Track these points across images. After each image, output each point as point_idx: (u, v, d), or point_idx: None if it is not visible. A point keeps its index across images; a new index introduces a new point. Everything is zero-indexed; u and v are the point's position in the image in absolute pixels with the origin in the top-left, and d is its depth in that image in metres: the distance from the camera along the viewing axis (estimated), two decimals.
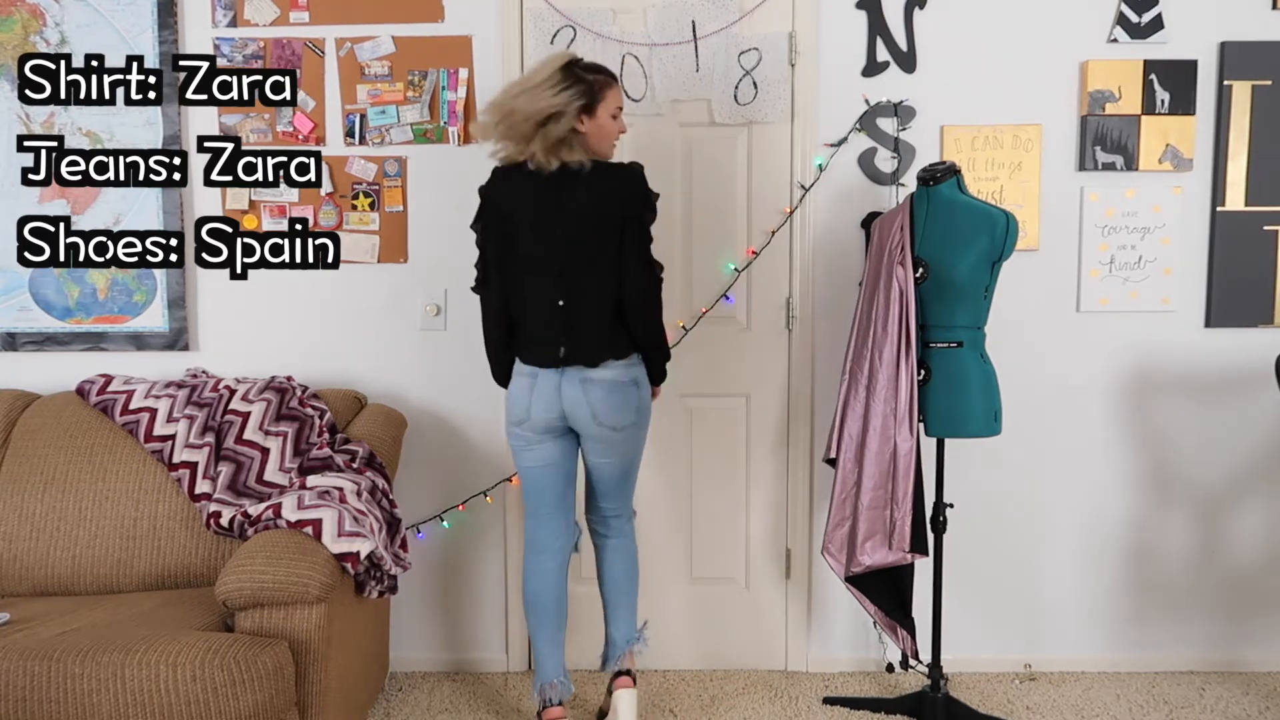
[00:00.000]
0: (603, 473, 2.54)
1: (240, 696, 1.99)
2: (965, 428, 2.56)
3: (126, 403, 2.75)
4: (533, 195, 2.38)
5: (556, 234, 2.38)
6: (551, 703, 2.52)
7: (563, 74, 2.32)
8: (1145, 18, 2.88)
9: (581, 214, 2.37)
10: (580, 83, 2.33)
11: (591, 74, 2.37)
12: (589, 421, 2.44)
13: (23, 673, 1.99)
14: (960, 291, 2.52)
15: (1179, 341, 2.98)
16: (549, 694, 2.53)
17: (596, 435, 2.46)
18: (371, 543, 2.34)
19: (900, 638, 2.72)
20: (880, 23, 2.90)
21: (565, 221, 2.38)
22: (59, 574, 2.57)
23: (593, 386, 2.42)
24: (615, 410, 2.43)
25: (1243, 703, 2.85)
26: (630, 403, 2.45)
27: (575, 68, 2.35)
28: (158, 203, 2.96)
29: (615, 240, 2.38)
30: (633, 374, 2.46)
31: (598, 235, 2.38)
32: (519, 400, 2.48)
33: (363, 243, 2.98)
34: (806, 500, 3.03)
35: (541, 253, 2.40)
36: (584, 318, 2.41)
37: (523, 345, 2.50)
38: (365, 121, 2.95)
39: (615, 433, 2.45)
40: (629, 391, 2.45)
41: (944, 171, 2.59)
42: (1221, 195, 2.93)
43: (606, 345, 2.42)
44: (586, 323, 2.41)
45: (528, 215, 2.40)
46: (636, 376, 2.47)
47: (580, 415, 2.44)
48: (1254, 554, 3.04)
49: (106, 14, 2.92)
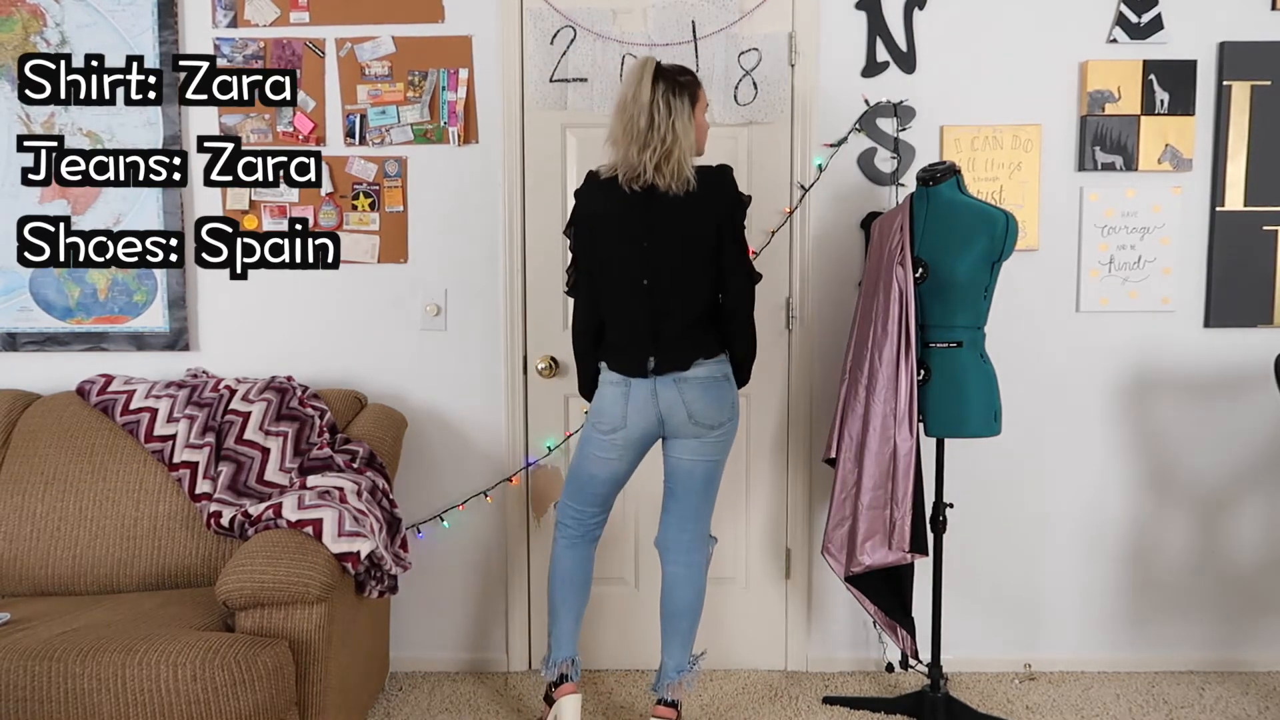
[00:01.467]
0: (691, 474, 2.48)
1: (240, 696, 2.00)
2: (965, 428, 2.56)
3: (127, 403, 2.75)
4: (624, 201, 2.38)
5: (644, 241, 2.39)
6: (567, 678, 2.53)
7: (659, 86, 2.34)
8: (1145, 18, 2.89)
9: (671, 219, 2.38)
10: (683, 89, 2.36)
11: (683, 76, 2.39)
12: (685, 423, 2.43)
13: (23, 672, 1.99)
14: (960, 291, 2.52)
15: (1178, 341, 2.98)
16: (565, 670, 2.54)
17: (691, 434, 2.44)
18: (372, 542, 2.34)
19: (900, 637, 2.72)
20: (880, 23, 2.91)
21: (654, 227, 2.38)
22: (59, 574, 2.57)
23: (687, 386, 2.42)
24: (711, 408, 2.43)
25: (1242, 703, 2.85)
26: (726, 398, 2.45)
27: (668, 75, 2.36)
28: (158, 203, 2.96)
29: (706, 245, 2.40)
30: (724, 369, 2.47)
31: (686, 241, 2.39)
32: (612, 410, 2.46)
33: (363, 243, 2.98)
34: (806, 500, 3.03)
35: (630, 259, 2.41)
36: (672, 327, 2.42)
37: (610, 350, 2.49)
38: (365, 122, 2.95)
39: (711, 430, 2.44)
40: (724, 388, 2.45)
41: (944, 171, 2.59)
42: (1221, 195, 2.93)
43: (696, 347, 2.43)
44: (674, 331, 2.42)
45: (616, 221, 2.41)
46: (729, 373, 2.48)
47: (676, 417, 2.43)
48: (1254, 554, 3.04)
49: (106, 14, 2.92)
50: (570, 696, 2.49)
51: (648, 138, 2.32)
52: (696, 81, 2.42)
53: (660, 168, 2.33)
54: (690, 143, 2.36)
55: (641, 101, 2.31)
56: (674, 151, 2.33)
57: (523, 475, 3.03)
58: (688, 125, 2.34)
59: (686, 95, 2.35)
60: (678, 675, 2.53)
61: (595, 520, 2.60)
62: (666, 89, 2.33)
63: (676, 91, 2.33)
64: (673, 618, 2.54)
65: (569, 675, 2.53)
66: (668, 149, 2.32)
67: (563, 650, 2.56)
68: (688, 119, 2.35)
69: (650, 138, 2.32)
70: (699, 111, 2.41)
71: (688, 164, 2.36)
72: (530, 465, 3.03)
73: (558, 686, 2.52)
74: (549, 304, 2.99)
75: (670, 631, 2.55)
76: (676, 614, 2.54)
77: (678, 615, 2.54)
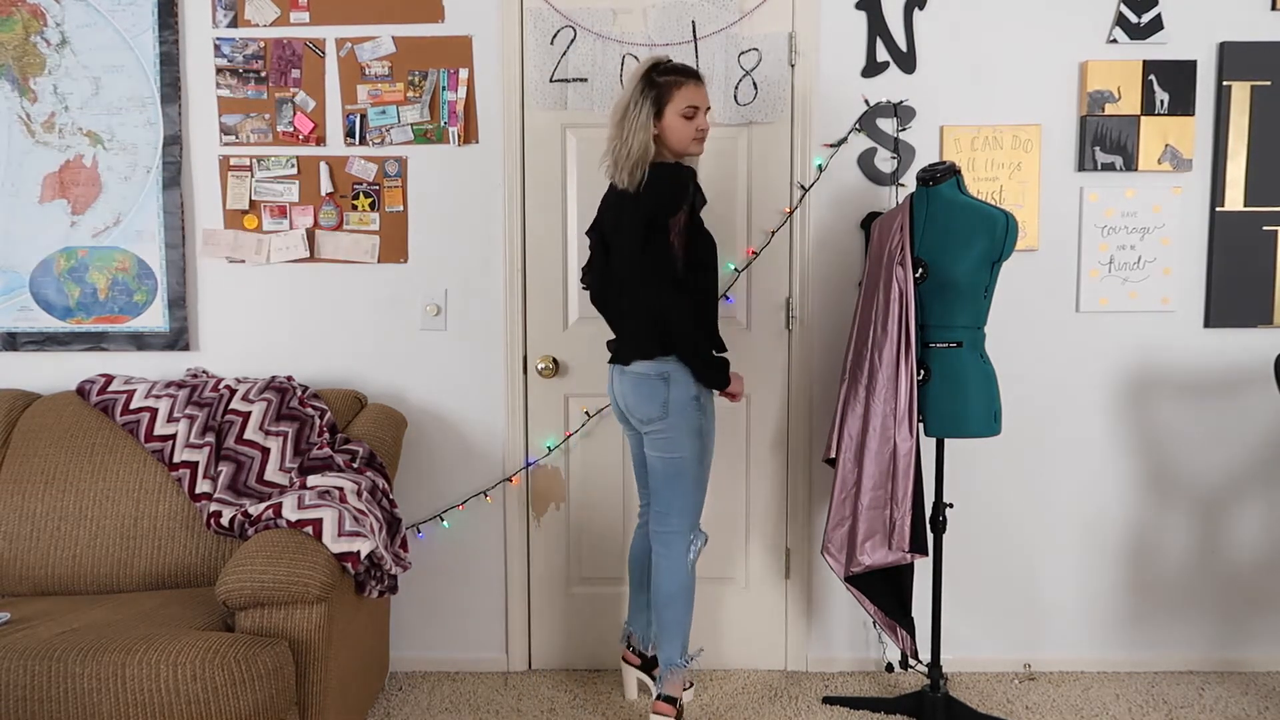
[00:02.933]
0: (653, 467, 2.56)
1: (240, 696, 2.00)
2: (965, 428, 2.56)
3: (127, 402, 2.75)
4: (604, 198, 2.59)
5: (606, 238, 2.55)
6: (630, 646, 2.80)
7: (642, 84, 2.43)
8: (1145, 18, 2.89)
9: (615, 217, 2.49)
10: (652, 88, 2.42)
11: (665, 76, 2.43)
12: (627, 413, 2.57)
13: (23, 672, 1.99)
14: (960, 292, 2.52)
15: (1178, 342, 2.98)
16: (630, 640, 2.79)
17: (637, 427, 2.57)
18: (372, 542, 2.34)
19: (900, 637, 2.72)
20: (880, 23, 2.91)
21: (609, 224, 2.53)
22: (59, 573, 2.57)
23: (625, 379, 2.53)
24: (641, 403, 2.48)
25: (1242, 703, 2.85)
26: (656, 397, 2.46)
27: (653, 73, 2.43)
28: (158, 202, 2.96)
29: (637, 244, 2.40)
30: (662, 369, 2.46)
31: (622, 239, 2.45)
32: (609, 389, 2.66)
33: (363, 243, 2.98)
34: (806, 500, 3.03)
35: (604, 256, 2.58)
36: (626, 324, 2.55)
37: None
38: (365, 122, 2.95)
39: (645, 425, 2.51)
40: (654, 386, 2.46)
41: (944, 172, 2.59)
42: (1221, 195, 2.93)
43: (635, 348, 2.48)
44: (627, 327, 2.55)
45: (599, 217, 2.61)
46: (667, 372, 2.46)
47: (620, 407, 2.59)
48: (1254, 554, 3.04)
49: (107, 14, 2.92)
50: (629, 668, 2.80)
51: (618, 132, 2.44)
52: (678, 82, 2.42)
53: (618, 162, 2.44)
54: (641, 140, 2.39)
55: (627, 97, 2.43)
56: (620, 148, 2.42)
57: (523, 475, 3.03)
58: (645, 122, 2.39)
59: (654, 93, 2.40)
60: (666, 669, 2.56)
61: (645, 505, 2.73)
62: (646, 87, 2.41)
63: (645, 90, 2.40)
64: (656, 607, 2.60)
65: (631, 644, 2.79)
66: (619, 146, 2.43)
67: (630, 620, 2.80)
68: (646, 116, 2.39)
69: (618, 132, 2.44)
70: (670, 111, 2.41)
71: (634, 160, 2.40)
72: (530, 465, 3.03)
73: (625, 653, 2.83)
74: (549, 304, 2.99)
75: (657, 623, 2.61)
76: (659, 604, 2.58)
77: (660, 605, 2.58)
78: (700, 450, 2.51)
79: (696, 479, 2.53)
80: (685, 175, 2.43)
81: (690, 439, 2.48)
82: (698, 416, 2.49)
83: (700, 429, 2.50)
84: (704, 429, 2.51)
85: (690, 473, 2.51)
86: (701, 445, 2.51)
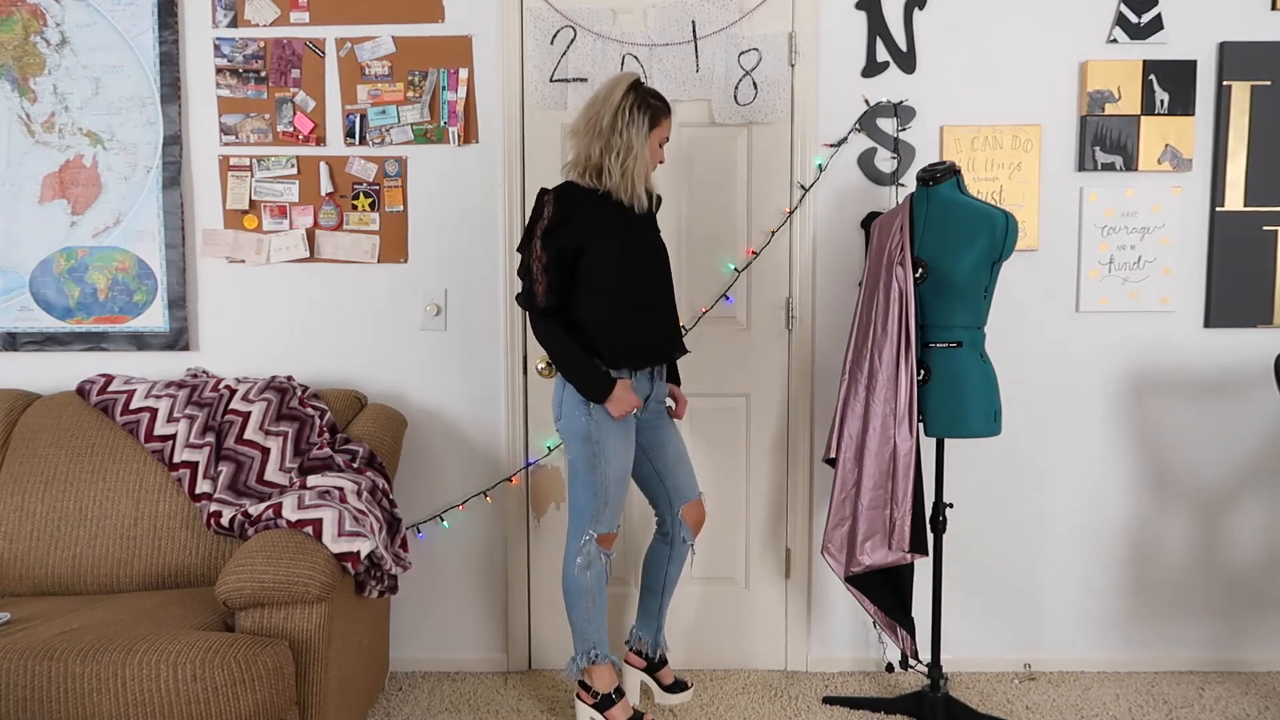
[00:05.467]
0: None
1: (240, 696, 2.00)
2: (965, 428, 2.56)
3: (127, 403, 2.75)
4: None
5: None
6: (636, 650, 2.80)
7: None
8: (1145, 18, 2.89)
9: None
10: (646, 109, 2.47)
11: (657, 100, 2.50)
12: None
13: (23, 672, 1.99)
14: (960, 291, 2.52)
15: (1178, 341, 2.98)
16: (634, 644, 2.80)
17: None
18: (372, 542, 2.34)
19: (900, 637, 2.72)
20: (880, 23, 2.91)
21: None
22: (59, 574, 2.57)
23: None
24: (552, 403, 2.59)
25: (1242, 703, 2.85)
26: (555, 397, 2.56)
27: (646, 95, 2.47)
28: (158, 203, 2.96)
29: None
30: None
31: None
32: None
33: (363, 243, 2.98)
34: (806, 500, 3.03)
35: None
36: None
37: None
38: (365, 121, 2.95)
39: (555, 423, 2.60)
40: (557, 387, 2.57)
41: (944, 171, 2.59)
42: (1221, 195, 2.93)
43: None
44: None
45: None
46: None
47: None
48: (1254, 554, 3.04)
49: (107, 14, 2.92)
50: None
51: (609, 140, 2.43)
52: (666, 109, 2.50)
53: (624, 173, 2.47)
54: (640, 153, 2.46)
55: (611, 102, 2.43)
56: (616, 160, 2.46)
57: (523, 475, 3.03)
58: (643, 140, 2.44)
59: (648, 113, 2.45)
60: (570, 662, 2.64)
61: (658, 513, 2.75)
62: (636, 100, 2.43)
63: (641, 106, 2.43)
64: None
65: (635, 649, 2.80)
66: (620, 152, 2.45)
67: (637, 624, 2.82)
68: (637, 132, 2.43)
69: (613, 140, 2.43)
70: (654, 137, 2.48)
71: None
72: (530, 465, 3.03)
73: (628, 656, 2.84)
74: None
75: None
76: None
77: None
78: (591, 457, 2.49)
79: (587, 485, 2.52)
80: (543, 200, 2.47)
81: (578, 443, 2.50)
82: (585, 423, 2.48)
83: (588, 435, 2.48)
84: (593, 436, 2.48)
85: (581, 476, 2.53)
86: (592, 452, 2.49)
